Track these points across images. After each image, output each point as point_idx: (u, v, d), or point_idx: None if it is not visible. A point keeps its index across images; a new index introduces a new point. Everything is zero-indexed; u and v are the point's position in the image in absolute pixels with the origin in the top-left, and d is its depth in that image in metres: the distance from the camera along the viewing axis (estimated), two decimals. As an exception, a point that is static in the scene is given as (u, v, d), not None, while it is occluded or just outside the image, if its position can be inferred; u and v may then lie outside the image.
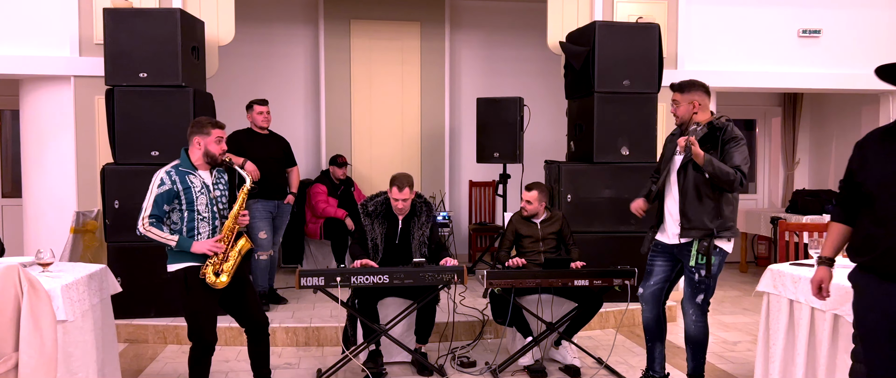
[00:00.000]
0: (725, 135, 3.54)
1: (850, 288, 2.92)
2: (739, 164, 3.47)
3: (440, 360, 4.38)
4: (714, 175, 3.43)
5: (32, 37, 5.42)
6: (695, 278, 3.61)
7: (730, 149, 3.51)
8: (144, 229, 3.35)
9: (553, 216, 4.57)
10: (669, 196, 3.71)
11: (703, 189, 3.53)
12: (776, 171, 8.61)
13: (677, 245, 3.67)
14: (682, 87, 3.65)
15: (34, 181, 5.60)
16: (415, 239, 4.31)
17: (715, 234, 3.54)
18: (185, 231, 3.40)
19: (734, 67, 6.29)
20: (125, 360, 4.49)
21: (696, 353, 3.74)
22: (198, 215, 3.41)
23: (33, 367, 2.69)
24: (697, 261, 3.57)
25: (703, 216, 3.54)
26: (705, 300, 3.65)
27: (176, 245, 3.34)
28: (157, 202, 3.35)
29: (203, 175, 3.47)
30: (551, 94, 7.27)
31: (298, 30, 7.66)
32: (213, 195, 3.47)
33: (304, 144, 7.64)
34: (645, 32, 5.42)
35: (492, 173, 7.76)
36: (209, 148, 3.45)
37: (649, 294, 3.84)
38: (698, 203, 3.55)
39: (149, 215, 3.35)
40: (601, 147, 5.37)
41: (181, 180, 3.40)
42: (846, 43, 6.40)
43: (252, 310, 3.58)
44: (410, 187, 4.26)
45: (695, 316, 3.67)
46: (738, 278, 7.49)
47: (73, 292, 3.10)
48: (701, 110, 3.60)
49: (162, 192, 3.36)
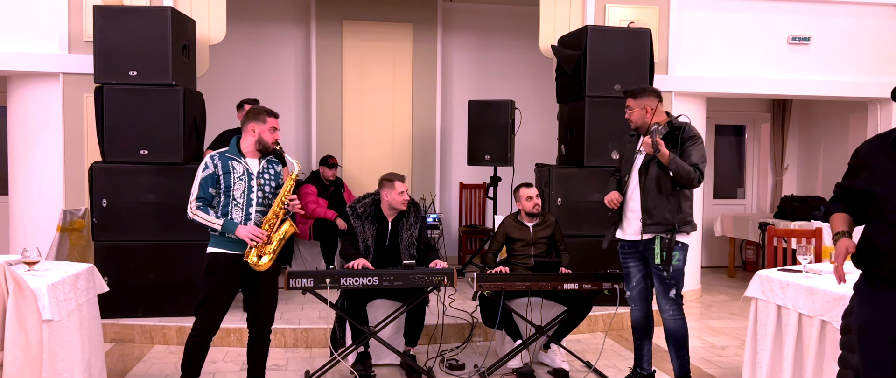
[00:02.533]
0: (684, 134, 3.70)
1: (837, 294, 2.95)
2: (697, 162, 3.63)
3: (429, 362, 4.37)
4: (676, 172, 3.56)
5: (21, 33, 5.37)
6: (664, 275, 3.71)
7: (688, 147, 3.66)
8: (192, 213, 3.40)
9: (545, 220, 4.58)
10: (630, 194, 3.83)
11: (663, 186, 3.67)
12: (765, 177, 8.66)
13: (640, 241, 3.78)
14: (634, 94, 3.81)
15: (21, 178, 5.54)
16: (404, 240, 4.31)
17: (676, 229, 3.67)
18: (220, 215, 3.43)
19: (724, 73, 6.32)
20: (111, 360, 4.46)
21: (679, 351, 3.79)
22: (232, 201, 3.43)
23: (18, 367, 2.66)
24: (661, 258, 3.69)
25: (664, 212, 3.68)
26: (678, 294, 3.76)
27: (220, 228, 3.38)
28: (202, 185, 3.42)
29: (250, 163, 3.49)
30: (543, 98, 7.28)
31: (290, 30, 7.64)
32: (255, 182, 3.47)
33: (295, 145, 7.62)
34: (636, 37, 5.44)
35: (482, 176, 7.76)
36: (263, 136, 3.49)
37: (636, 294, 3.95)
38: (659, 200, 3.69)
39: (196, 198, 3.41)
40: (592, 151, 5.39)
41: (224, 165, 3.44)
42: (835, 50, 6.45)
43: (261, 309, 3.59)
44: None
45: (671, 310, 3.76)
46: (726, 283, 7.52)
47: (60, 291, 3.07)
48: (654, 114, 3.74)
49: (206, 176, 3.43)
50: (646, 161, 3.74)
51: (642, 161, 3.76)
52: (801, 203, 7.07)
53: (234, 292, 3.53)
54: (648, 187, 3.71)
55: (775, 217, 7.27)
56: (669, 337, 3.80)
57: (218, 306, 3.47)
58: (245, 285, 3.54)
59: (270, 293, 3.60)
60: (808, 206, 6.95)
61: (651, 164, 3.70)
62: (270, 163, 3.58)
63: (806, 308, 3.15)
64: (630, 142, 3.94)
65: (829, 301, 3.00)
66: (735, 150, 8.78)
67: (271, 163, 3.59)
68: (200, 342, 3.50)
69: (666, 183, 3.66)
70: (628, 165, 3.86)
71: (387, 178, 4.28)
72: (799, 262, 3.48)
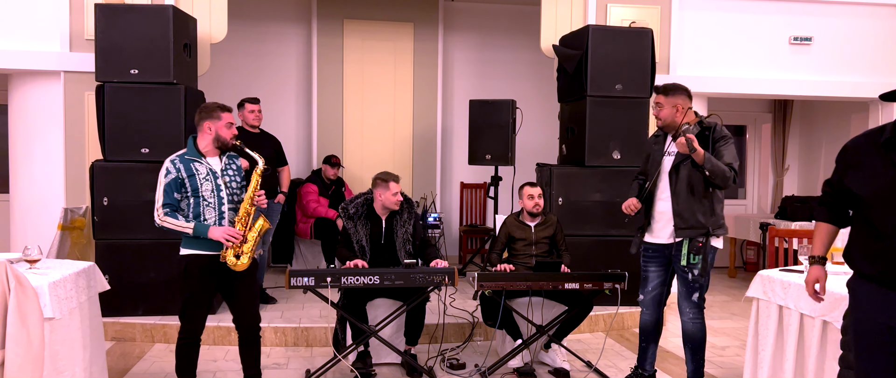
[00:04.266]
0: (715, 134, 3.61)
1: (839, 295, 2.94)
2: (731, 161, 3.54)
3: (429, 361, 4.37)
4: (712, 172, 3.46)
5: (22, 31, 5.37)
6: (689, 277, 3.63)
7: (720, 147, 3.58)
8: (160, 220, 3.36)
9: (547, 220, 4.58)
10: (660, 198, 3.73)
11: (696, 188, 3.58)
12: (766, 177, 8.66)
13: (670, 245, 3.70)
14: (665, 90, 3.69)
15: (22, 177, 5.54)
16: (398, 237, 4.31)
17: (710, 232, 3.59)
18: (192, 218, 3.39)
19: (725, 73, 6.32)
20: (112, 359, 4.46)
21: (695, 354, 3.75)
22: (203, 201, 3.40)
23: (19, 365, 2.66)
24: (690, 260, 3.60)
25: (698, 215, 3.59)
26: (701, 297, 3.67)
27: (192, 232, 3.35)
28: (166, 191, 3.36)
29: (211, 161, 3.46)
30: (544, 97, 7.28)
31: (291, 29, 7.64)
32: (220, 181, 3.44)
33: (296, 144, 7.62)
34: (638, 37, 5.43)
35: (483, 175, 7.75)
36: (220, 132, 3.45)
37: (649, 299, 3.88)
38: (692, 202, 3.59)
39: (162, 205, 3.36)
40: (593, 150, 5.38)
41: (186, 168, 3.40)
42: (837, 51, 6.44)
43: (244, 308, 3.54)
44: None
45: (692, 313, 3.69)
46: (727, 283, 7.52)
47: (61, 290, 3.07)
48: (683, 114, 3.64)
49: (169, 181, 3.37)
50: (676, 163, 3.63)
51: (672, 163, 3.66)
52: (802, 203, 7.06)
53: (214, 290, 3.50)
54: (679, 190, 3.61)
55: (776, 217, 7.26)
56: (687, 340, 3.74)
57: (201, 307, 3.46)
58: (222, 287, 3.50)
59: (251, 291, 3.56)
60: (808, 206, 6.95)
61: (682, 166, 3.60)
62: (230, 158, 3.55)
63: (807, 308, 3.15)
64: (656, 144, 3.83)
65: (831, 301, 3.00)
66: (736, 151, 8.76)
67: (231, 158, 3.56)
68: (190, 344, 3.49)
69: (698, 185, 3.57)
70: (655, 167, 3.75)
71: (381, 177, 4.27)
72: (800, 263, 3.48)
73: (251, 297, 3.57)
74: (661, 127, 3.75)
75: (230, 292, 3.51)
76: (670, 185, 3.66)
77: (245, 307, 3.54)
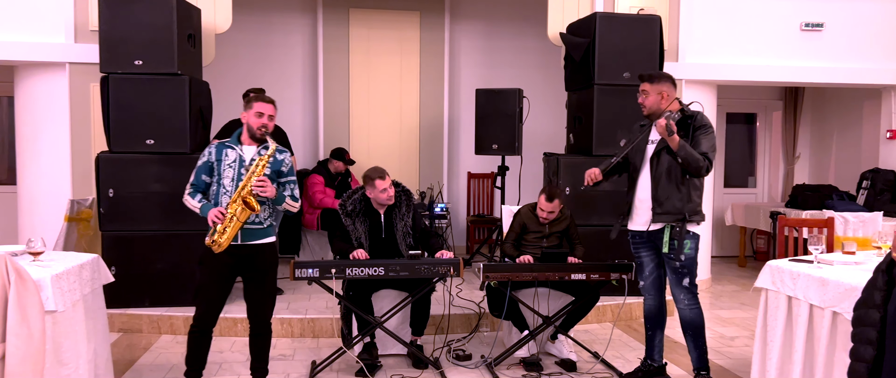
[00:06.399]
0: (696, 122, 3.67)
1: (849, 286, 2.89)
2: (706, 150, 3.60)
3: (436, 352, 4.36)
4: (685, 159, 3.54)
5: (27, 23, 5.36)
6: (676, 264, 3.68)
7: (698, 136, 3.64)
8: (184, 200, 3.48)
9: (562, 214, 4.54)
10: (641, 185, 3.78)
11: (674, 175, 3.64)
12: (776, 166, 8.57)
13: (650, 232, 3.75)
14: (651, 78, 3.74)
15: (29, 168, 5.55)
16: (399, 230, 4.29)
17: (686, 218, 3.64)
18: (212, 202, 3.46)
19: (735, 60, 6.23)
20: (118, 350, 4.46)
21: (696, 341, 3.77)
22: (221, 189, 3.45)
23: (20, 358, 2.65)
24: (671, 247, 3.66)
25: (674, 201, 3.65)
26: (692, 282, 3.72)
27: (199, 212, 3.43)
28: (197, 172, 3.50)
29: (245, 150, 3.48)
30: (551, 86, 7.21)
31: (296, 18, 7.59)
32: (244, 169, 3.42)
33: (302, 134, 7.59)
34: (646, 24, 5.36)
35: (490, 165, 7.71)
36: (249, 121, 3.47)
37: (649, 284, 3.92)
38: (670, 188, 3.65)
39: (189, 184, 3.50)
40: (600, 139, 5.33)
41: (218, 152, 3.48)
42: (849, 37, 6.34)
43: (256, 303, 3.55)
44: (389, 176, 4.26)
45: (686, 300, 3.74)
46: (736, 273, 7.46)
47: (64, 282, 3.06)
48: (668, 101, 3.69)
49: (201, 164, 3.50)
50: (657, 150, 3.70)
51: (654, 150, 3.72)
52: (813, 192, 6.98)
53: (229, 282, 3.51)
54: (659, 176, 3.67)
55: (786, 206, 7.18)
56: (686, 327, 3.77)
57: (211, 295, 3.46)
58: (243, 275, 3.54)
59: (265, 285, 3.55)
60: (819, 195, 6.86)
61: (663, 153, 3.67)
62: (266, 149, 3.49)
63: (817, 299, 3.10)
64: (640, 131, 3.88)
65: (841, 292, 2.95)
66: (746, 139, 8.68)
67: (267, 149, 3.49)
68: (199, 333, 3.50)
69: (677, 172, 3.63)
70: (639, 154, 3.80)
71: (367, 176, 4.24)
72: (810, 253, 3.43)
73: (264, 291, 3.57)
74: (646, 115, 3.79)
75: (249, 283, 3.54)
76: (651, 171, 3.72)
77: (258, 300, 3.56)
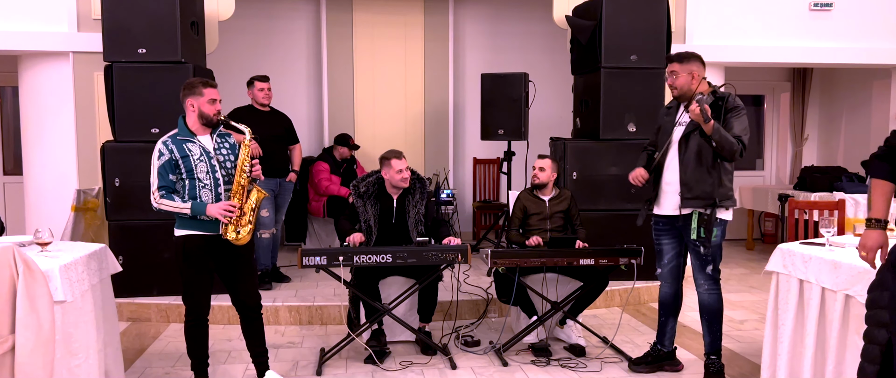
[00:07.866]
0: (728, 104, 3.55)
1: (862, 268, 2.86)
2: (740, 133, 3.49)
3: (444, 338, 4.36)
4: (719, 143, 3.43)
5: (30, 12, 5.33)
6: (701, 251, 3.60)
7: (730, 119, 3.53)
8: (157, 203, 3.30)
9: (561, 194, 4.51)
10: (668, 168, 3.69)
11: (704, 159, 3.54)
12: (784, 148, 8.51)
13: (678, 216, 3.65)
14: (680, 58, 3.64)
15: (35, 158, 5.55)
16: (411, 217, 4.27)
17: (717, 203, 3.54)
18: (188, 199, 3.33)
19: (744, 42, 6.17)
20: (127, 339, 4.48)
21: (712, 326, 3.71)
22: (198, 183, 3.33)
23: (31, 349, 2.65)
24: (699, 234, 3.57)
25: (704, 185, 3.55)
26: (715, 269, 3.65)
27: (190, 211, 3.29)
28: (161, 173, 3.30)
29: (202, 140, 3.38)
30: (557, 70, 7.16)
31: (299, 4, 7.54)
32: (215, 161, 3.37)
33: (307, 121, 7.57)
34: (653, 6, 5.30)
35: (496, 150, 7.68)
36: (203, 109, 3.34)
37: (667, 272, 3.84)
38: (700, 173, 3.55)
39: (158, 188, 3.30)
40: (608, 123, 5.29)
41: (178, 148, 3.32)
42: (858, 16, 6.26)
43: (242, 290, 3.52)
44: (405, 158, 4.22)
45: (707, 285, 3.67)
46: (745, 256, 7.43)
47: (72, 272, 3.05)
48: (698, 82, 3.59)
49: (163, 163, 3.30)
50: (686, 133, 3.59)
51: (682, 133, 3.61)
52: (822, 174, 6.93)
53: (211, 272, 3.46)
54: (688, 160, 3.57)
55: (795, 188, 7.14)
56: (703, 311, 3.71)
57: (203, 287, 3.43)
58: (220, 268, 3.47)
59: (248, 269, 3.53)
60: (828, 176, 6.82)
61: (692, 137, 3.55)
62: (222, 137, 3.46)
63: (829, 282, 3.07)
64: (667, 114, 3.78)
65: (854, 275, 2.92)
66: (754, 121, 8.62)
67: (223, 137, 3.46)
68: (196, 325, 3.48)
69: (707, 155, 3.52)
70: (665, 138, 3.70)
71: (384, 156, 4.22)
72: (821, 235, 3.40)
73: (250, 276, 3.54)
74: (676, 96, 3.69)
75: (228, 273, 3.49)
76: (679, 155, 3.62)
77: (247, 287, 3.52)
